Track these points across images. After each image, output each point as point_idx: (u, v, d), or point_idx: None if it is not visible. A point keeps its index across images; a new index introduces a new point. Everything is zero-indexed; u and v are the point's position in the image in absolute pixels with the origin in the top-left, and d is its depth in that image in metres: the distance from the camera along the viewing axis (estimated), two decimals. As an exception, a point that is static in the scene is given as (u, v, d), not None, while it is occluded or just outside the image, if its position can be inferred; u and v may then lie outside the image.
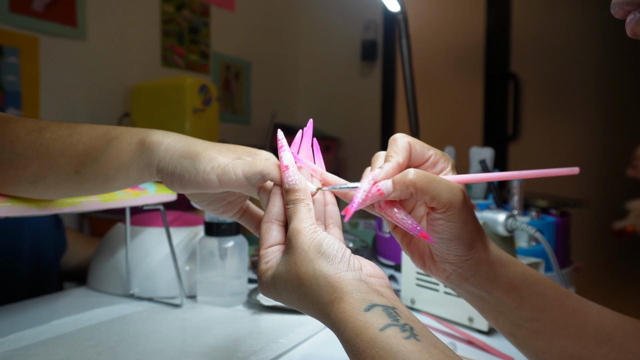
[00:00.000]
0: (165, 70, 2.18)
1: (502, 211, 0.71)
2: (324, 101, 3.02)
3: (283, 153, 0.39)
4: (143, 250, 0.80)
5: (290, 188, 0.38)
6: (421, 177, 0.36)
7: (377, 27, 2.83)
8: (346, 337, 0.31)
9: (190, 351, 0.57)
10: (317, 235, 0.35)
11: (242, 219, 0.47)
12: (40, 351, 0.56)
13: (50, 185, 0.47)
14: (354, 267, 0.34)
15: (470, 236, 0.38)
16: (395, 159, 0.38)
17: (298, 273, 0.34)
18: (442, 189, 0.36)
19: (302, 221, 0.36)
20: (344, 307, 0.32)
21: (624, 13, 0.30)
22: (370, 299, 0.32)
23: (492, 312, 0.42)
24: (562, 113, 2.48)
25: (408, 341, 0.29)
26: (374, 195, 0.37)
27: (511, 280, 0.41)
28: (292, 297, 0.36)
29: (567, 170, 0.37)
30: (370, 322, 0.30)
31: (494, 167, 0.99)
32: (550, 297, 0.41)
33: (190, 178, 0.40)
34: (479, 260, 0.39)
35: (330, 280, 0.33)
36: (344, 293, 0.32)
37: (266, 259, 0.38)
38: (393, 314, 0.31)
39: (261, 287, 0.38)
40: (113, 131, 0.45)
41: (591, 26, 2.40)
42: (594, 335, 0.41)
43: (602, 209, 2.13)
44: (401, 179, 0.36)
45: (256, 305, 0.75)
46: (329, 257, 0.34)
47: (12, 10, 1.60)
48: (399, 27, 1.02)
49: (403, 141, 0.39)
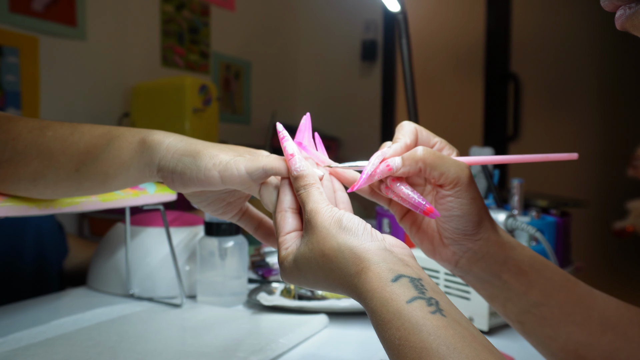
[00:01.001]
0: (165, 70, 2.18)
1: (502, 211, 0.71)
2: (324, 101, 3.02)
3: (286, 143, 0.39)
4: (143, 250, 0.80)
5: (298, 175, 0.38)
6: (430, 153, 0.38)
7: (377, 27, 2.83)
8: (372, 308, 0.31)
9: (190, 351, 0.57)
10: (336, 212, 0.35)
11: (242, 221, 0.47)
12: (40, 351, 0.56)
13: (50, 184, 0.47)
14: (378, 238, 0.34)
15: (478, 213, 0.39)
16: (403, 140, 0.40)
17: (322, 250, 0.34)
18: (451, 164, 0.38)
19: (318, 202, 0.36)
20: (371, 277, 0.32)
21: (613, 7, 0.30)
22: (397, 269, 0.32)
23: (501, 298, 0.43)
24: (562, 113, 2.48)
25: (434, 316, 0.29)
26: (383, 171, 0.38)
27: (519, 264, 0.41)
28: (317, 276, 0.35)
29: (566, 156, 0.39)
30: (397, 293, 0.30)
31: (494, 167, 0.99)
32: (557, 282, 0.42)
33: (192, 175, 0.40)
34: (488, 241, 0.40)
35: (356, 251, 0.33)
36: (371, 263, 0.32)
37: (285, 246, 0.37)
38: (419, 286, 0.31)
39: (283, 273, 0.38)
40: (114, 131, 0.45)
41: (591, 26, 2.40)
42: (599, 323, 0.41)
43: (602, 209, 2.14)
44: (410, 154, 0.38)
45: (256, 305, 0.75)
46: (351, 230, 0.34)
47: (12, 10, 1.60)
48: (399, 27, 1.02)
49: (410, 126, 0.41)
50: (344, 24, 2.91)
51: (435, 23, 2.70)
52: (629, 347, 0.40)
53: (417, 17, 2.12)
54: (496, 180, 0.90)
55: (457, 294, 0.69)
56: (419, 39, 1.56)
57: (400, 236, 0.89)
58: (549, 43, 2.51)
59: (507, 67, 2.57)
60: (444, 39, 2.71)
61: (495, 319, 0.67)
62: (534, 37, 2.54)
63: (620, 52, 2.35)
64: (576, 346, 0.41)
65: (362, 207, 1.82)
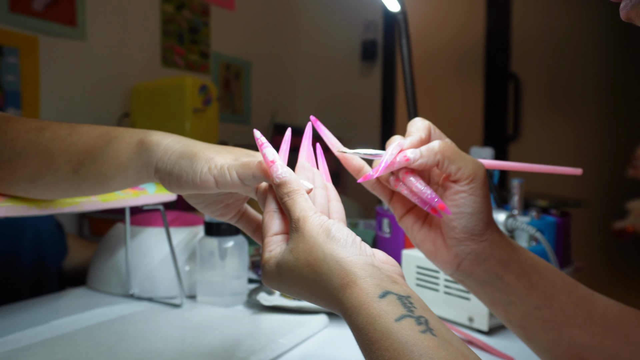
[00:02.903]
0: (165, 70, 2.18)
1: (502, 211, 0.71)
2: (324, 101, 3.02)
3: (265, 150, 0.38)
4: (143, 250, 0.80)
5: (281, 181, 0.37)
6: (448, 147, 0.38)
7: (377, 27, 2.83)
8: (358, 325, 0.30)
9: (190, 351, 0.57)
10: (325, 221, 0.34)
11: (240, 223, 0.47)
12: (40, 351, 0.56)
13: (48, 185, 0.47)
14: (366, 253, 0.33)
15: (489, 213, 0.40)
16: (418, 134, 0.40)
17: (308, 259, 0.33)
18: (468, 159, 0.38)
19: (306, 209, 0.35)
20: (357, 293, 0.30)
21: None
22: (385, 285, 0.31)
23: (503, 301, 0.42)
24: (562, 113, 2.48)
25: (424, 335, 0.28)
26: (401, 161, 0.38)
27: (522, 265, 0.41)
28: (298, 286, 0.34)
29: (571, 170, 0.39)
30: (385, 310, 0.29)
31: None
32: (558, 284, 0.42)
33: (188, 179, 0.40)
34: (493, 242, 0.40)
35: (342, 264, 0.32)
36: (357, 277, 0.31)
37: (270, 248, 0.36)
38: (407, 303, 0.30)
39: (264, 276, 0.37)
40: (113, 131, 0.45)
41: (591, 26, 2.40)
42: (601, 324, 0.41)
43: (602, 209, 2.14)
44: (430, 147, 0.38)
45: (256, 305, 0.75)
46: (339, 241, 0.33)
47: (12, 10, 1.60)
48: (399, 27, 1.02)
49: (424, 122, 0.41)
50: (344, 24, 2.91)
51: (435, 23, 2.70)
52: (630, 349, 0.40)
53: (417, 17, 2.12)
54: (496, 180, 0.90)
55: (457, 294, 0.69)
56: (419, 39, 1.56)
57: (400, 236, 0.89)
58: (549, 43, 2.51)
59: (507, 67, 2.57)
60: (444, 39, 2.71)
61: (495, 319, 0.67)
62: (534, 37, 2.54)
63: (620, 52, 2.35)
64: (578, 349, 0.41)
65: (363, 207, 1.82)
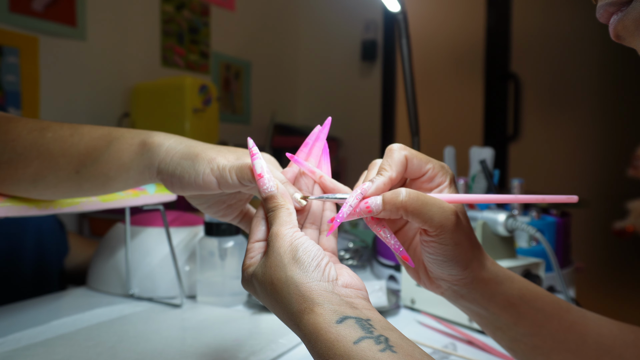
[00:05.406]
0: (165, 70, 2.18)
1: (502, 211, 0.71)
2: (324, 101, 3.02)
3: (256, 161, 0.37)
4: (143, 250, 0.80)
5: (267, 196, 0.36)
6: (413, 199, 0.34)
7: (377, 27, 2.83)
8: (318, 350, 0.30)
9: (190, 351, 0.57)
10: (296, 240, 0.34)
11: (242, 223, 0.47)
12: (40, 351, 0.56)
13: (50, 185, 0.47)
14: (328, 278, 0.33)
15: (464, 257, 0.37)
16: (388, 174, 0.36)
17: (272, 278, 0.33)
18: (435, 212, 0.34)
19: (282, 225, 0.35)
20: (315, 319, 0.30)
21: (608, 15, 0.29)
22: (342, 310, 0.31)
23: (490, 327, 0.42)
24: (562, 113, 2.48)
25: (384, 354, 0.28)
26: (362, 211, 0.35)
27: (508, 297, 0.40)
28: (266, 301, 0.35)
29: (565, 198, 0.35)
30: (343, 334, 0.29)
31: (494, 167, 0.99)
32: (548, 312, 0.41)
33: (190, 179, 0.40)
34: (474, 279, 0.39)
35: (301, 289, 0.32)
36: (315, 304, 0.31)
37: (251, 254, 0.36)
38: (367, 325, 0.30)
39: (242, 280, 0.37)
40: (114, 132, 0.45)
41: (591, 26, 2.40)
42: (594, 348, 0.40)
43: (602, 209, 2.14)
44: (392, 199, 0.34)
45: (256, 305, 0.75)
46: (303, 264, 0.32)
47: (12, 10, 1.60)
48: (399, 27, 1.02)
49: (399, 154, 0.37)
50: (344, 24, 2.91)
51: (435, 23, 2.70)
52: None
53: (417, 17, 2.12)
54: (496, 180, 0.90)
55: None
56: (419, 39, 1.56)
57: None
58: (549, 43, 2.50)
59: (507, 67, 2.57)
60: (444, 39, 2.71)
61: (495, 319, 0.66)
62: (534, 37, 2.54)
63: (620, 52, 2.35)
64: None
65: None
